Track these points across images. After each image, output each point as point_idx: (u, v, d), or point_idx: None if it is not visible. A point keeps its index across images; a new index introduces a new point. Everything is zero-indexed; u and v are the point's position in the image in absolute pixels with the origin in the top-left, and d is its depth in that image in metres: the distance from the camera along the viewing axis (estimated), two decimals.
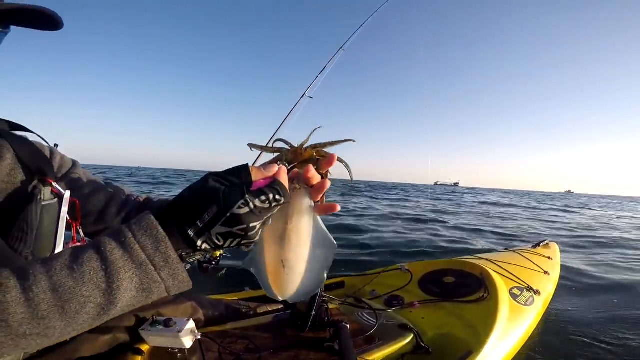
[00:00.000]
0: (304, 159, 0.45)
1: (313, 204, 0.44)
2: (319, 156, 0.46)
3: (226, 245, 0.38)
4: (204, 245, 0.38)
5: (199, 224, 0.37)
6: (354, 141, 0.48)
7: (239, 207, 0.36)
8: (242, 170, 0.40)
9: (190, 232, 0.37)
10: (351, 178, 0.49)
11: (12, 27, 0.54)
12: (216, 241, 0.37)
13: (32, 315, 0.32)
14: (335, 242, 0.45)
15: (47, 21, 0.53)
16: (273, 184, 0.39)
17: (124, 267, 0.35)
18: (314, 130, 0.47)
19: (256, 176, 0.40)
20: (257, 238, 0.39)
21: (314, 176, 0.43)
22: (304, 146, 0.46)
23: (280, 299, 0.46)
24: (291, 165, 0.47)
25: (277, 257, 0.45)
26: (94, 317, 0.35)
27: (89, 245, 0.37)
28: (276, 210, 0.40)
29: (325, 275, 0.46)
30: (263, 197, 0.37)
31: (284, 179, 0.40)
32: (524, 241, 4.05)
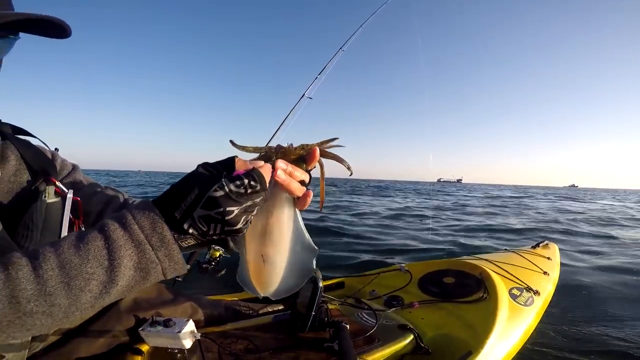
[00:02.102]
0: (293, 158, 0.46)
1: (292, 197, 0.46)
2: (306, 153, 0.46)
3: (211, 231, 0.40)
4: (191, 230, 0.40)
5: (183, 206, 0.39)
6: (337, 139, 0.47)
7: (215, 190, 0.38)
8: (228, 161, 0.44)
9: (177, 214, 0.39)
10: (348, 167, 0.48)
11: (22, 34, 0.55)
12: (200, 225, 0.39)
13: (40, 291, 0.34)
14: (315, 246, 0.46)
15: (56, 29, 0.54)
16: (250, 171, 0.40)
17: (124, 245, 0.37)
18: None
19: (240, 167, 0.43)
20: (240, 226, 0.40)
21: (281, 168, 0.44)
22: (294, 146, 0.46)
23: (261, 295, 0.47)
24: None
25: (257, 252, 0.45)
26: (96, 295, 0.37)
27: (94, 227, 0.39)
28: (257, 200, 0.40)
29: (309, 274, 0.46)
30: (238, 182, 0.39)
31: (265, 170, 0.41)
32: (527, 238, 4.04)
